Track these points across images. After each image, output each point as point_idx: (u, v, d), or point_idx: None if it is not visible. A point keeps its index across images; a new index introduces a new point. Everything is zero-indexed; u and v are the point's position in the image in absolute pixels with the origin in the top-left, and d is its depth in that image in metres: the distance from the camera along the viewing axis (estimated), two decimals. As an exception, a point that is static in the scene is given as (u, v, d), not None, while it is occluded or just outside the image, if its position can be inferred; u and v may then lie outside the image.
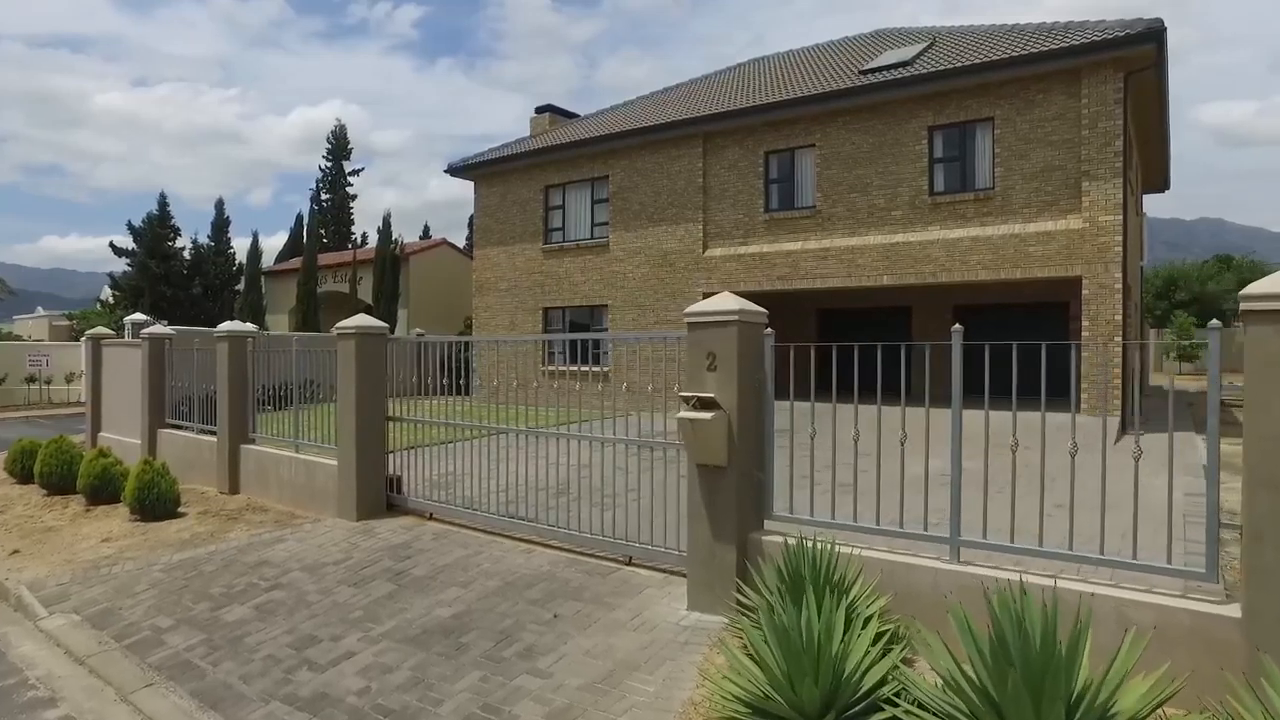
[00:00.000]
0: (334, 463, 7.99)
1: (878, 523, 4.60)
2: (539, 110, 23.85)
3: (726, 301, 4.96)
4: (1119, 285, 12.03)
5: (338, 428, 7.97)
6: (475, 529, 7.08)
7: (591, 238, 19.01)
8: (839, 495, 4.95)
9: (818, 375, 4.89)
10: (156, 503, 8.12)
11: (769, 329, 5.04)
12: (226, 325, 9.88)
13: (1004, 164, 13.39)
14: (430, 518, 7.52)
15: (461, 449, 7.16)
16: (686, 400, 4.90)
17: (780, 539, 4.78)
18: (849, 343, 4.89)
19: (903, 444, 4.49)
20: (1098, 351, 11.90)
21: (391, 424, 7.96)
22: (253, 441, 9.53)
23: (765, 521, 5.05)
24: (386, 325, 7.97)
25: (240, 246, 31.63)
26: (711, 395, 4.78)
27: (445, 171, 21.77)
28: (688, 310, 5.07)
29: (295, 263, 30.49)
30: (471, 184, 21.53)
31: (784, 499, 5.05)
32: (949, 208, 13.98)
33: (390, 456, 7.94)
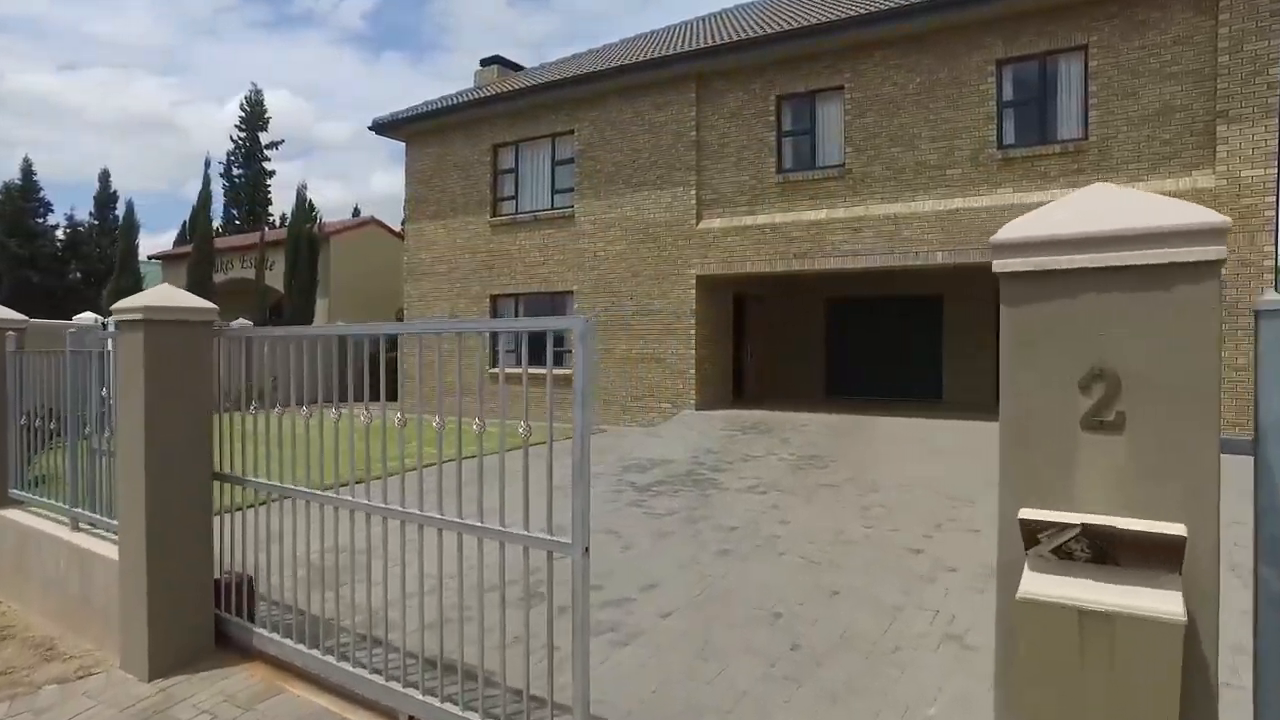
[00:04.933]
0: (115, 556, 4.31)
1: None
2: (484, 63, 19.95)
3: (1148, 209, 1.53)
4: (1269, 261, 9.10)
5: (117, 494, 4.28)
6: (382, 710, 3.51)
7: (552, 208, 15.34)
8: None
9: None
10: None
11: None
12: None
13: (1102, 106, 10.31)
14: (295, 671, 3.91)
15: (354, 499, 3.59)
16: (1032, 532, 1.44)
17: None
18: None
19: None
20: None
21: (224, 486, 4.30)
22: (18, 504, 5.74)
23: None
24: (212, 306, 4.27)
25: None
26: (1171, 534, 1.33)
27: (370, 128, 17.82)
28: (1001, 238, 1.61)
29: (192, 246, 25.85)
30: (404, 146, 17.68)
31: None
32: (1025, 164, 10.85)
33: (233, 524, 4.29)
